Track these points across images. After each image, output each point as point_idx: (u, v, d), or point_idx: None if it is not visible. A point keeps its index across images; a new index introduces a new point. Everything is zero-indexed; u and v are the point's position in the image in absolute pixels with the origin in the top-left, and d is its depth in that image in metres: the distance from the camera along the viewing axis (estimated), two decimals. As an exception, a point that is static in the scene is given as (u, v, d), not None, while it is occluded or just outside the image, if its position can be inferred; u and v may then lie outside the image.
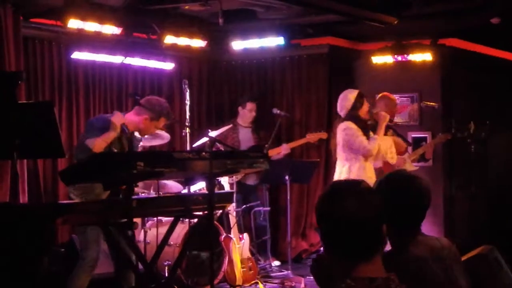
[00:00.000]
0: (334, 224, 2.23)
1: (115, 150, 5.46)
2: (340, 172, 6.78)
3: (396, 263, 2.58)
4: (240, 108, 8.76)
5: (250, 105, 8.69)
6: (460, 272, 2.85)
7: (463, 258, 3.15)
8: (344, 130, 6.68)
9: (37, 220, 2.20)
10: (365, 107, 6.76)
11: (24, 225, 2.17)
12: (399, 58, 8.69)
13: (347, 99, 6.77)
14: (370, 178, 6.38)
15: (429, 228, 2.92)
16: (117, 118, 5.49)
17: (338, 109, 6.89)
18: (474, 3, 7.39)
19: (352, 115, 6.72)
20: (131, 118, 5.63)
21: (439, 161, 8.91)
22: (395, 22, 7.66)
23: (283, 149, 8.39)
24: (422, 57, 8.61)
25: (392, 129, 7.80)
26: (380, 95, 7.90)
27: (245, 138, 8.64)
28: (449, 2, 7.42)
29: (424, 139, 8.84)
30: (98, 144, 5.33)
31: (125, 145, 5.64)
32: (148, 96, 6.01)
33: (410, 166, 7.43)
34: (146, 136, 6.23)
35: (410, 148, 8.02)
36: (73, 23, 6.86)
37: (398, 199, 2.78)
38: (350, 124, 6.66)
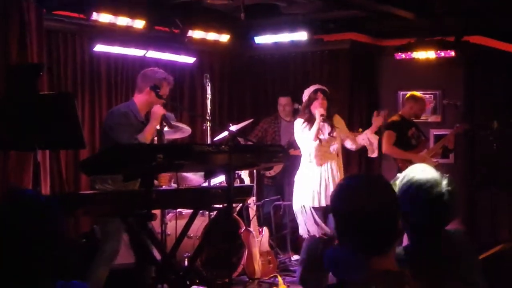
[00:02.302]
0: (349, 218, 2.23)
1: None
2: (299, 168, 6.66)
3: (414, 258, 2.58)
4: (277, 104, 8.96)
5: (282, 100, 8.90)
6: (476, 270, 2.83)
7: (483, 256, 3.13)
8: (294, 126, 6.60)
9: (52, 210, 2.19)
10: (317, 103, 6.42)
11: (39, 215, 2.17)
12: (422, 54, 8.62)
13: (305, 94, 6.60)
14: (318, 175, 6.35)
15: (449, 226, 2.87)
16: (158, 109, 5.54)
17: None
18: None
19: (304, 111, 6.54)
20: (138, 98, 5.65)
21: (461, 159, 8.85)
22: (412, 18, 7.62)
23: None
24: (445, 54, 8.54)
25: (415, 125, 7.76)
26: (408, 94, 7.85)
27: (285, 131, 8.73)
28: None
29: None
30: (148, 136, 5.47)
31: (164, 137, 5.69)
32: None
33: (430, 163, 7.38)
34: (166, 129, 6.26)
35: (430, 145, 7.98)
36: (96, 16, 6.89)
37: (425, 205, 2.72)
38: (297, 120, 6.56)
